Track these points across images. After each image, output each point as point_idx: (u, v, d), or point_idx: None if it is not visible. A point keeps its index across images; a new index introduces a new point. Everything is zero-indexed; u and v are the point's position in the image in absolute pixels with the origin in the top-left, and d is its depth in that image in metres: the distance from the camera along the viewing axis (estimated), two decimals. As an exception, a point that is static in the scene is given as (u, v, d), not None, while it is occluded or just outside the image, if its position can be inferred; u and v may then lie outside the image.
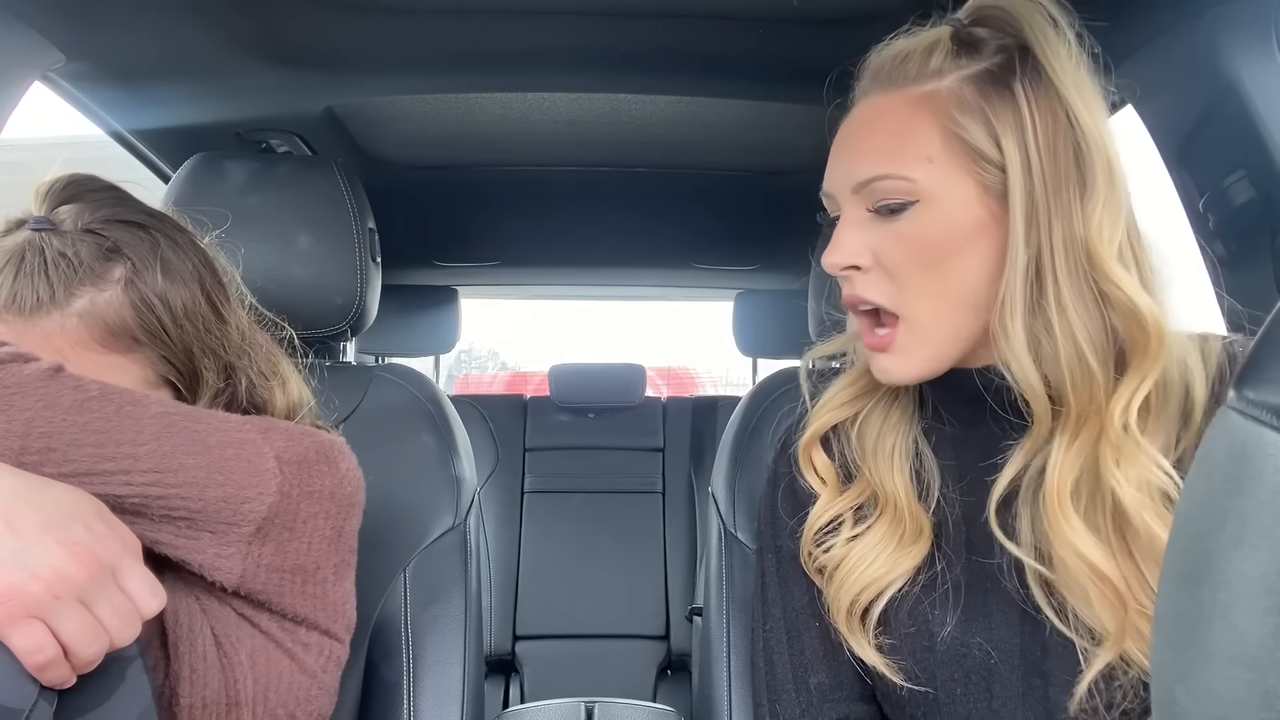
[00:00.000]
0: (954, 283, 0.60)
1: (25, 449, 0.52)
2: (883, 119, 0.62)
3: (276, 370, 0.75)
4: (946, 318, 0.61)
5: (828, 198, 0.66)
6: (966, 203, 0.59)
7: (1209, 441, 0.28)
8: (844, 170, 0.63)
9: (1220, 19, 0.81)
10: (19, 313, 0.62)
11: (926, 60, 0.61)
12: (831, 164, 0.65)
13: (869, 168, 0.60)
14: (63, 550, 0.46)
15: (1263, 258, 0.83)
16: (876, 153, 0.61)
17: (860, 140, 0.63)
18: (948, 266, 0.59)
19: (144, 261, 0.66)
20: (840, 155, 0.64)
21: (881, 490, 0.68)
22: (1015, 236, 0.57)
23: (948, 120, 0.59)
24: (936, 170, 0.59)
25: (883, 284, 0.61)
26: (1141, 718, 0.58)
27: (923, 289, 0.60)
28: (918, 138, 0.59)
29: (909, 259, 0.60)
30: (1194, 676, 0.27)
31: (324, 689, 0.68)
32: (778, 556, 0.75)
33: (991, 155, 0.58)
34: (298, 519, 0.63)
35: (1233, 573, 0.26)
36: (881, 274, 0.61)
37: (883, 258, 0.61)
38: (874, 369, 0.65)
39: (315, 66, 1.06)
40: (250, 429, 0.63)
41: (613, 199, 1.65)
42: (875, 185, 0.60)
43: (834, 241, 0.62)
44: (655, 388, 3.91)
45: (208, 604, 0.62)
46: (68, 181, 0.68)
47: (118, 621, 0.48)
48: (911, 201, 0.59)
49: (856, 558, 0.67)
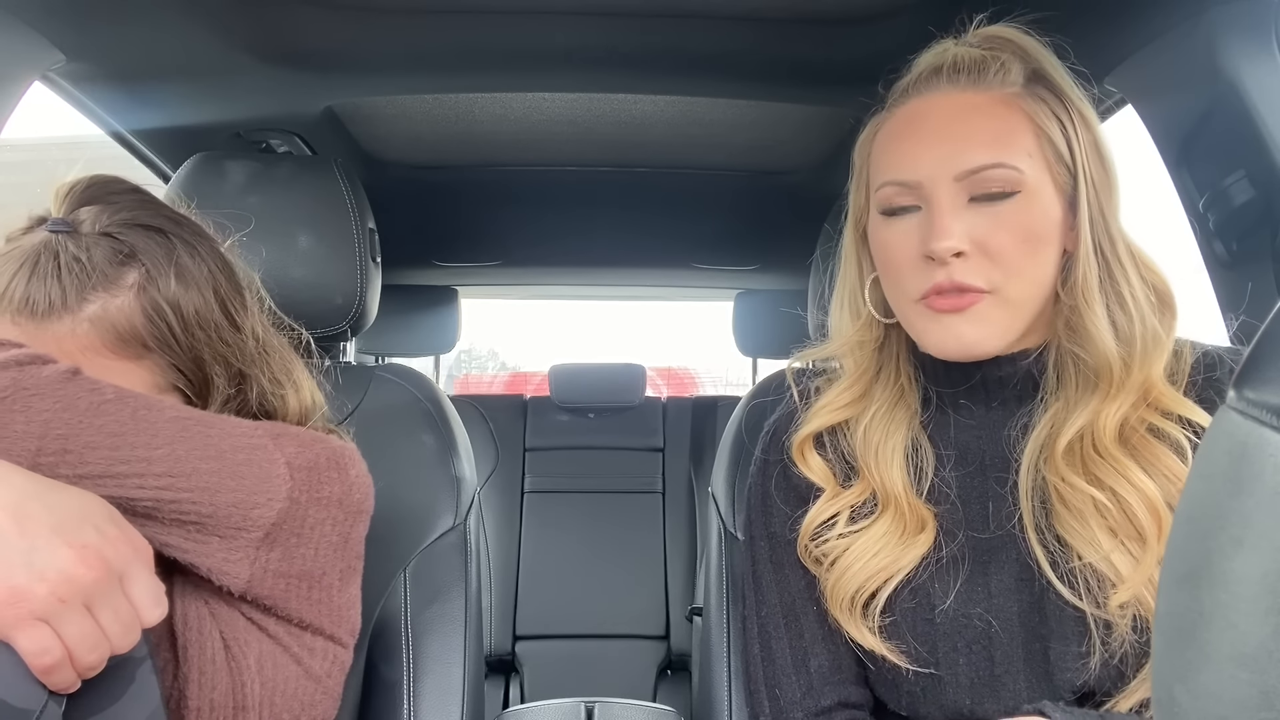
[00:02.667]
0: (1043, 267, 0.65)
1: (42, 450, 0.52)
2: (980, 113, 0.65)
3: (290, 376, 0.75)
4: (1034, 300, 0.65)
5: (904, 186, 0.66)
6: (1052, 197, 0.65)
7: (1209, 441, 0.28)
8: (943, 158, 0.64)
9: (1220, 19, 0.81)
10: (31, 316, 0.62)
11: (1003, 69, 0.66)
12: (916, 152, 0.65)
13: (980, 156, 0.63)
14: (71, 553, 0.46)
15: (1263, 258, 0.83)
16: (986, 143, 0.63)
17: (962, 130, 0.65)
18: (1043, 252, 0.64)
19: (158, 267, 0.66)
20: (934, 143, 0.65)
21: (882, 488, 0.70)
22: (1085, 229, 0.64)
23: (1038, 120, 0.64)
24: (1034, 164, 0.64)
25: (983, 268, 0.63)
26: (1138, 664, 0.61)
27: (1021, 271, 0.64)
28: (1018, 133, 0.64)
29: (1014, 244, 0.63)
30: (1194, 676, 0.27)
31: (328, 694, 0.68)
32: (770, 543, 0.75)
33: (1066, 157, 0.65)
34: (306, 525, 0.63)
35: (1233, 573, 0.26)
36: (982, 259, 0.63)
37: (986, 243, 0.63)
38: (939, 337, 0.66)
39: (315, 66, 1.06)
40: (262, 434, 0.63)
41: (613, 199, 1.65)
42: (986, 174, 0.63)
43: (940, 227, 0.63)
44: (655, 388, 3.91)
45: (216, 608, 0.62)
46: (90, 183, 0.67)
47: (119, 628, 0.47)
48: (1015, 191, 0.63)
49: (859, 550, 0.68)
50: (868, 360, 0.74)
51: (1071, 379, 0.66)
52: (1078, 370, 0.66)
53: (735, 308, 2.20)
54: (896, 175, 0.66)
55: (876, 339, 0.74)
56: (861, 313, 0.74)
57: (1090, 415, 0.64)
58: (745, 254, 2.00)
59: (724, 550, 0.91)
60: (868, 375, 0.74)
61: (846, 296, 0.75)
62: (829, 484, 0.72)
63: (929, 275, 0.64)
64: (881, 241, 0.69)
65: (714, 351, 5.83)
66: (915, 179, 0.65)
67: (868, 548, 0.68)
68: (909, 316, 0.68)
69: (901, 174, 0.66)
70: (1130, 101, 0.96)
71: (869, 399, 0.73)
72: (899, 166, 0.66)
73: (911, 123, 0.67)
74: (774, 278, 2.11)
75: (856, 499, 0.71)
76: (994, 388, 0.69)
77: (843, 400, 0.74)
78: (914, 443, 0.71)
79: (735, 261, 2.05)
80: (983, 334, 0.64)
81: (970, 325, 0.64)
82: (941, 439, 0.71)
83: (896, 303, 0.69)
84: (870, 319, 0.73)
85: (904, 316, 0.69)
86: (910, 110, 0.68)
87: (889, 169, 0.67)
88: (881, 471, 0.70)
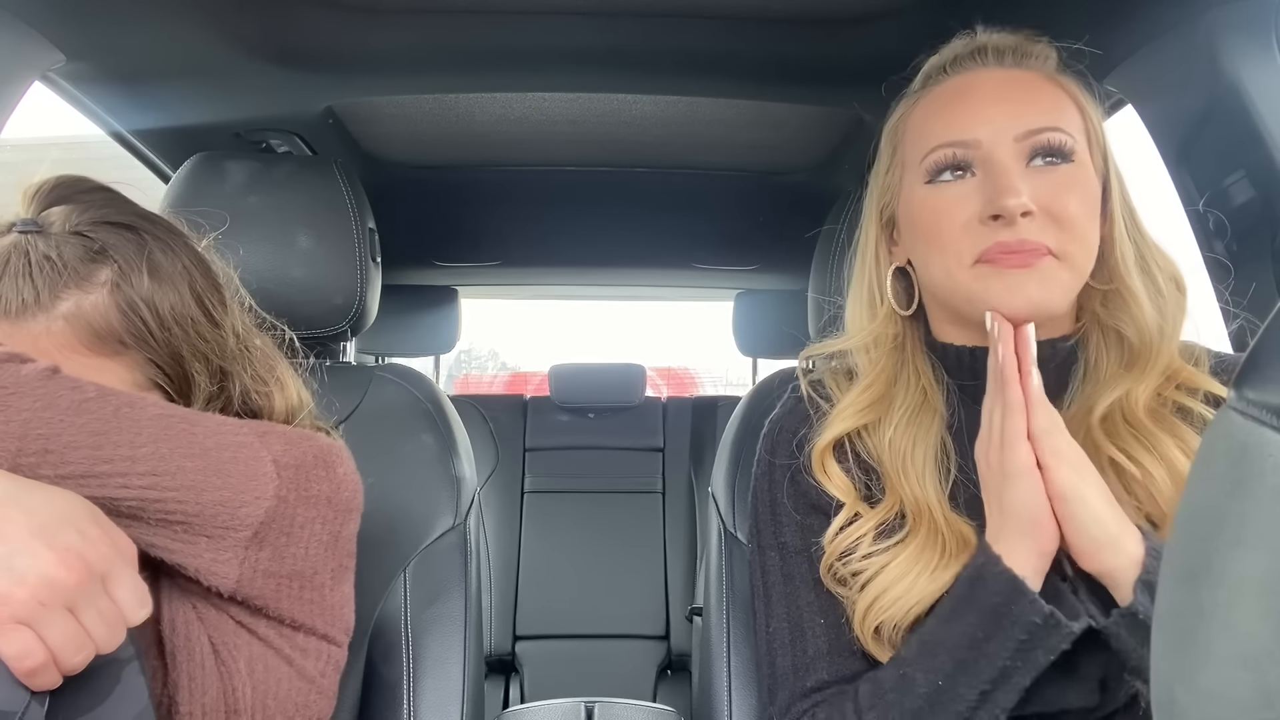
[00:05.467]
0: (1096, 237, 0.66)
1: (23, 450, 0.52)
2: (1035, 85, 0.66)
3: (274, 373, 0.74)
4: (1089, 266, 0.65)
5: (963, 146, 0.64)
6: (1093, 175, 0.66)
7: (1209, 441, 0.28)
8: (1003, 119, 0.64)
9: (1220, 19, 0.81)
10: (4, 316, 0.61)
11: (1046, 55, 0.69)
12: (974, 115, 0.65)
13: (1039, 119, 0.64)
14: (52, 555, 0.45)
15: (1263, 258, 0.83)
16: (1044, 108, 0.65)
17: (1019, 96, 0.65)
18: (1096, 221, 0.66)
19: (131, 264, 0.65)
20: (993, 107, 0.65)
21: (914, 503, 0.66)
22: (1117, 211, 0.67)
23: (1081, 101, 0.67)
24: (1080, 141, 0.65)
25: (1050, 229, 0.62)
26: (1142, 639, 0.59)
27: (1083, 235, 0.64)
28: (1068, 109, 0.66)
29: (1079, 205, 0.63)
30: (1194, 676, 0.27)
31: (323, 693, 0.67)
32: (781, 554, 0.72)
33: (1100, 141, 0.67)
34: (295, 524, 0.63)
35: (1233, 573, 0.26)
36: (1048, 220, 0.62)
37: (1050, 205, 0.62)
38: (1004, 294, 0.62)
39: (315, 66, 1.06)
40: (248, 432, 0.63)
41: (613, 199, 1.65)
42: (1046, 135, 0.63)
43: (1008, 186, 0.61)
44: (655, 388, 3.91)
45: (205, 612, 0.61)
46: (56, 183, 0.67)
47: (103, 629, 0.47)
48: (1072, 158, 0.64)
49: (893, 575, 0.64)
50: (884, 358, 0.72)
51: (1104, 361, 0.67)
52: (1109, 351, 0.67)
53: (735, 308, 2.20)
54: (952, 136, 0.65)
55: (894, 335, 0.72)
56: (879, 308, 0.72)
57: (1123, 390, 0.65)
58: (745, 254, 2.00)
59: (724, 550, 0.91)
60: (886, 375, 0.71)
61: (865, 290, 0.73)
62: (850, 497, 0.69)
63: (990, 236, 0.62)
64: (931, 209, 0.66)
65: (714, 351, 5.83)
66: (974, 138, 0.64)
67: (901, 575, 0.64)
68: (963, 282, 0.64)
69: (958, 134, 0.64)
70: (1130, 101, 0.96)
71: (890, 402, 0.70)
72: (954, 128, 0.65)
73: (963, 92, 0.67)
74: (774, 278, 2.11)
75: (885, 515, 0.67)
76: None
77: (863, 402, 0.71)
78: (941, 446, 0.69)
79: (735, 261, 2.05)
80: (1049, 294, 0.62)
81: (1038, 284, 0.61)
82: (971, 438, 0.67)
83: (948, 271, 0.65)
84: (890, 313, 0.71)
85: (955, 285, 0.65)
86: (958, 83, 0.68)
87: (941, 133, 0.66)
88: (912, 485, 0.66)
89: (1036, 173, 0.63)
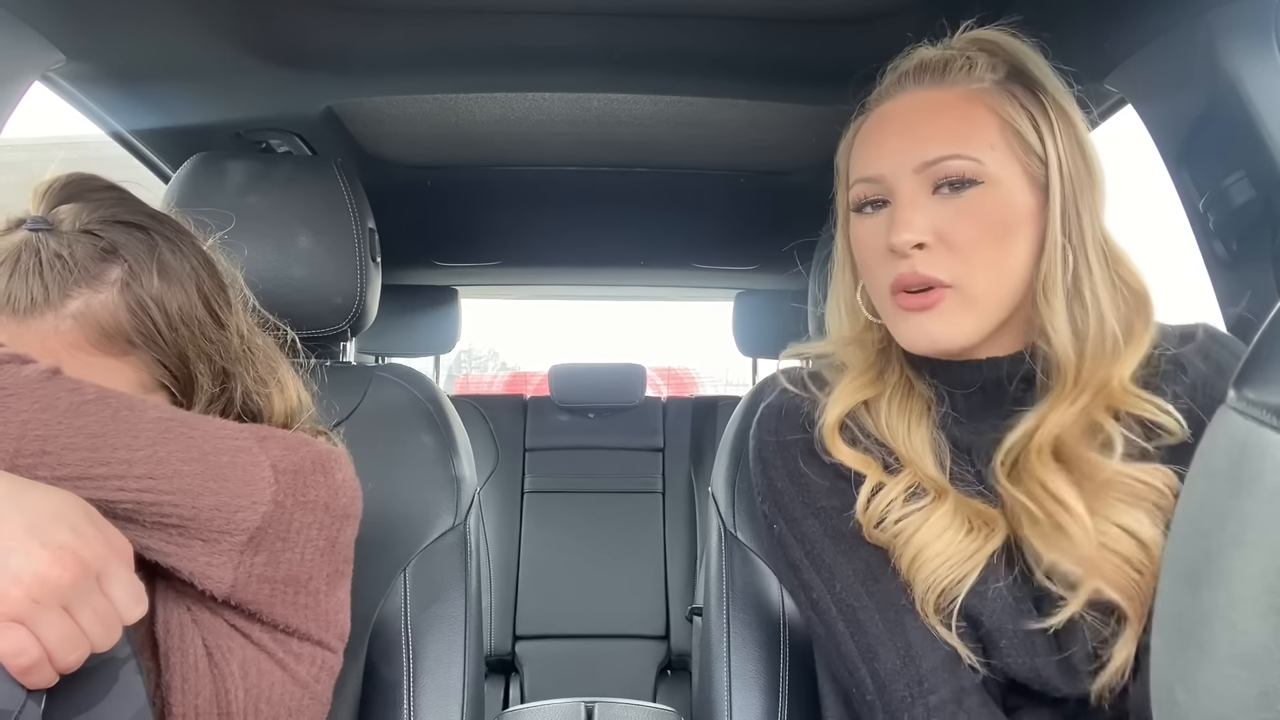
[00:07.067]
0: (1010, 259, 0.65)
1: (20, 451, 0.52)
2: (942, 109, 0.66)
3: (275, 375, 0.74)
4: (1000, 291, 0.65)
5: (871, 182, 0.68)
6: (1020, 189, 0.65)
7: (1209, 441, 0.28)
8: (904, 152, 0.66)
9: (1220, 20, 0.81)
10: (13, 314, 0.61)
11: (968, 66, 0.67)
12: (881, 149, 0.68)
13: (936, 149, 0.65)
14: (46, 554, 0.45)
15: (1263, 258, 0.83)
16: (943, 136, 0.65)
17: (923, 125, 0.66)
18: (1008, 243, 0.65)
19: (141, 263, 0.65)
20: (897, 139, 0.67)
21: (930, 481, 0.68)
22: (1054, 223, 0.64)
23: (1003, 113, 0.65)
24: (998, 157, 0.64)
25: (945, 260, 0.64)
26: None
27: (985, 262, 0.64)
28: (980, 127, 0.65)
29: (975, 234, 0.64)
30: (1194, 676, 0.27)
31: (316, 699, 0.67)
32: (820, 519, 0.69)
33: (1038, 149, 0.65)
34: (291, 529, 0.63)
35: (1233, 573, 0.26)
36: (944, 250, 0.64)
37: (948, 234, 0.64)
38: (909, 335, 0.67)
39: (315, 66, 1.06)
40: (247, 436, 0.62)
41: (613, 199, 1.65)
42: (943, 164, 0.64)
43: (901, 220, 0.65)
44: (655, 388, 3.91)
45: (199, 615, 0.61)
46: (67, 181, 0.67)
47: (99, 628, 0.47)
48: (977, 182, 0.64)
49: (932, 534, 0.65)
50: (871, 358, 0.73)
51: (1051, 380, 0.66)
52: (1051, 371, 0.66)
53: (735, 308, 2.20)
54: (863, 172, 0.69)
55: (876, 341, 0.73)
56: (857, 316, 0.74)
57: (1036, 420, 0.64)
58: (745, 254, 2.00)
59: (724, 550, 0.91)
60: (875, 368, 0.73)
61: (842, 299, 0.75)
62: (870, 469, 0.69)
63: (894, 268, 0.66)
64: (855, 238, 0.71)
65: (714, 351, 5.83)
66: (879, 173, 0.67)
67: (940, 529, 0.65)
68: (885, 311, 0.69)
69: (868, 170, 0.68)
70: (1130, 101, 0.96)
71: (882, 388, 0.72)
72: (866, 164, 0.69)
73: (880, 123, 0.69)
74: (774, 278, 2.11)
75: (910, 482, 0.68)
76: (991, 389, 0.69)
77: (856, 384, 0.72)
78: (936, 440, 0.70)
79: (735, 261, 2.05)
80: (949, 330, 0.65)
81: (937, 324, 0.65)
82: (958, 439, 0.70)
83: (875, 298, 0.70)
84: (867, 321, 0.73)
85: (883, 311, 0.70)
86: (880, 112, 0.70)
87: (858, 168, 0.70)
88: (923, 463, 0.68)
89: (939, 201, 0.65)
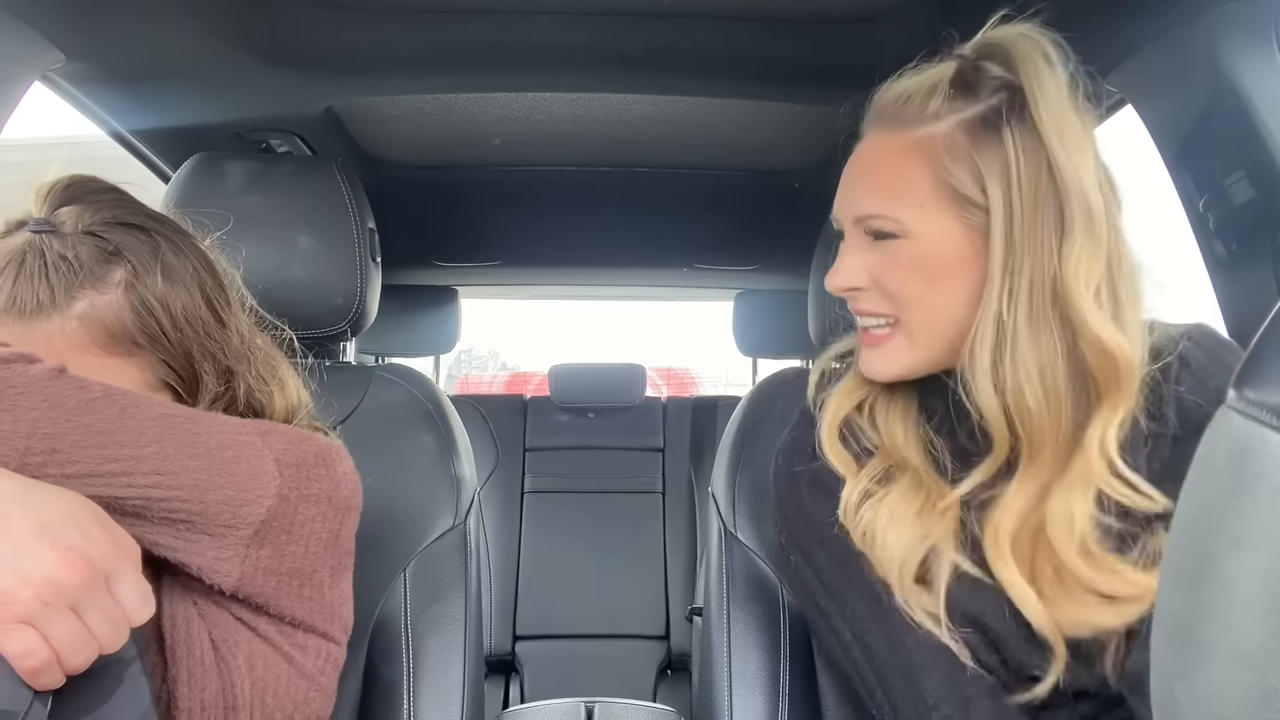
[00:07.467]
0: (940, 301, 0.67)
1: (30, 449, 0.52)
2: (881, 160, 0.69)
3: (275, 373, 0.75)
4: (936, 328, 0.68)
5: (835, 220, 0.73)
6: (950, 239, 0.65)
7: (1209, 441, 0.28)
8: (848, 203, 0.71)
9: (1220, 19, 0.81)
10: (19, 315, 0.61)
11: (926, 103, 0.66)
12: (839, 194, 0.73)
13: (866, 205, 0.68)
14: (55, 555, 0.45)
15: (1263, 258, 0.83)
16: (874, 193, 0.68)
17: (862, 178, 0.71)
18: (936, 286, 0.67)
19: (144, 264, 0.66)
20: (846, 188, 0.72)
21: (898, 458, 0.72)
22: (993, 272, 0.63)
23: (939, 168, 0.65)
24: (925, 214, 0.66)
25: (880, 300, 0.70)
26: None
27: (916, 304, 0.68)
28: (911, 185, 0.66)
29: (901, 279, 0.67)
30: (1194, 676, 0.27)
31: (321, 691, 0.68)
32: (826, 547, 0.72)
33: (976, 199, 0.64)
34: (295, 522, 0.63)
35: (1233, 573, 0.26)
36: (879, 292, 0.69)
37: (879, 278, 0.69)
38: (862, 363, 0.73)
39: (315, 66, 1.06)
40: (250, 432, 0.63)
41: (613, 199, 1.65)
42: (870, 221, 0.68)
43: (836, 266, 0.71)
44: (655, 388, 3.91)
45: (205, 609, 0.62)
46: (68, 183, 0.67)
47: (107, 629, 0.47)
48: (900, 236, 0.67)
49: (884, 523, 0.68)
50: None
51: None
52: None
53: (735, 308, 2.20)
54: (833, 211, 0.74)
55: None
56: None
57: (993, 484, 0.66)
58: (745, 254, 2.00)
59: (724, 550, 0.91)
60: None
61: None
62: (849, 469, 0.73)
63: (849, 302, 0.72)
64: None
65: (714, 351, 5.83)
66: (836, 215, 0.73)
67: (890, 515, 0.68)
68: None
69: (834, 210, 0.73)
70: (1130, 101, 0.96)
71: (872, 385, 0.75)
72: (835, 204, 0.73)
73: (849, 162, 0.73)
74: (774, 278, 2.11)
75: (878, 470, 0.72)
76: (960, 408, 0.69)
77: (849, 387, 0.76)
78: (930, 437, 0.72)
79: (735, 261, 2.05)
80: (893, 366, 0.70)
81: (881, 359, 0.71)
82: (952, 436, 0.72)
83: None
84: None
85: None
86: (853, 153, 0.73)
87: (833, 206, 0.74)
88: (896, 442, 0.72)
89: (874, 248, 0.69)
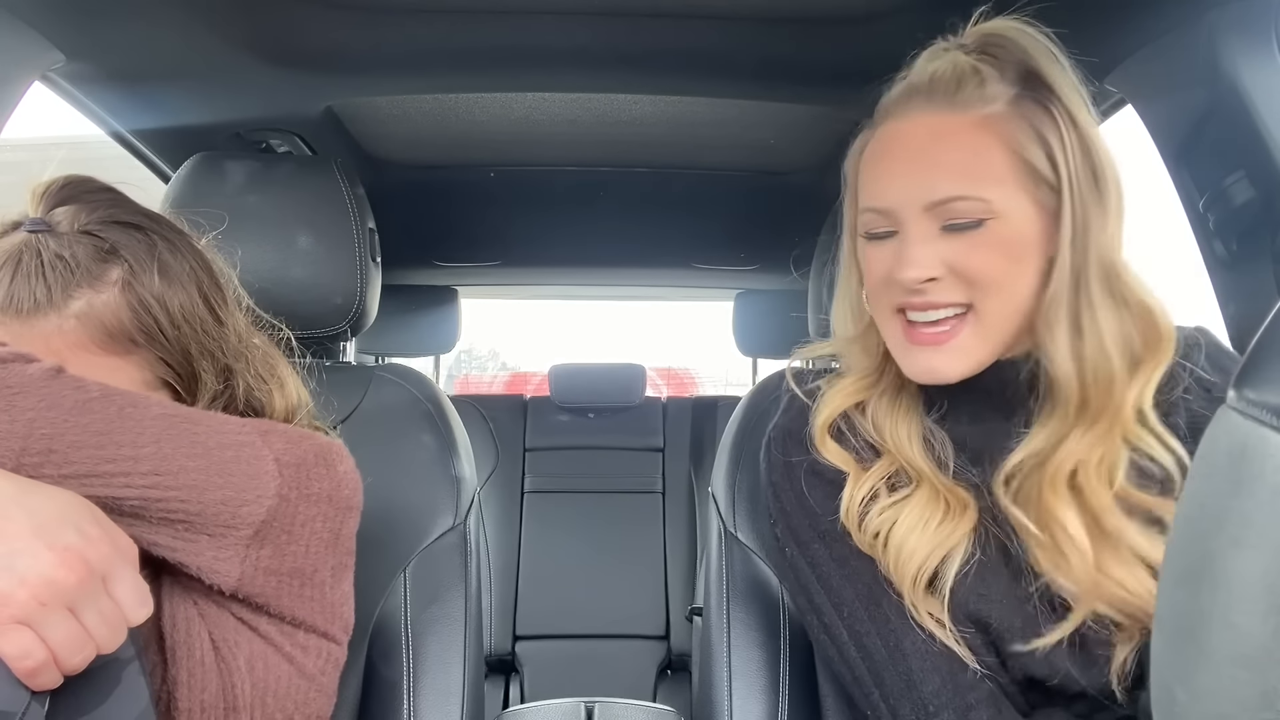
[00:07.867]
0: (1021, 285, 0.65)
1: (27, 449, 0.52)
2: (951, 140, 0.65)
3: (274, 372, 0.75)
4: (1011, 317, 0.66)
5: (880, 213, 0.68)
6: (1028, 218, 0.64)
7: (1209, 441, 0.28)
8: (912, 188, 0.65)
9: (1220, 20, 0.81)
10: (16, 315, 0.61)
11: (982, 85, 0.65)
12: (890, 179, 0.67)
13: (946, 188, 0.64)
14: (52, 556, 0.45)
15: (1263, 258, 0.83)
16: (952, 174, 0.64)
17: (931, 158, 0.65)
18: (1018, 270, 0.65)
19: (141, 263, 0.66)
20: (905, 171, 0.66)
21: (910, 466, 0.70)
22: (1064, 247, 0.63)
23: (1013, 144, 0.64)
24: (1006, 191, 0.64)
25: (959, 288, 0.65)
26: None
27: (1000, 288, 0.65)
28: (990, 161, 0.64)
29: (987, 266, 0.64)
30: (1194, 676, 0.27)
31: (322, 691, 0.68)
32: (825, 542, 0.71)
33: (1048, 176, 0.64)
34: (296, 522, 0.63)
35: (1233, 573, 0.26)
36: (956, 281, 0.65)
37: (960, 267, 0.65)
38: (912, 366, 0.68)
39: (315, 66, 1.06)
40: (250, 431, 0.63)
41: (613, 199, 1.65)
42: (952, 205, 0.64)
43: (909, 257, 0.65)
44: (655, 388, 3.91)
45: (205, 609, 0.61)
46: (64, 183, 0.67)
47: (105, 629, 0.47)
48: (986, 219, 0.64)
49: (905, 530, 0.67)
50: (872, 361, 0.74)
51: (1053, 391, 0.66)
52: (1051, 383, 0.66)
53: (735, 308, 2.20)
54: (872, 201, 0.68)
55: (879, 342, 0.74)
56: (863, 315, 0.74)
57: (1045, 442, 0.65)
58: (745, 254, 2.00)
59: (724, 550, 0.91)
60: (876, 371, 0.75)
61: (847, 300, 0.76)
62: (850, 466, 0.71)
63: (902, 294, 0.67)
64: (866, 258, 0.71)
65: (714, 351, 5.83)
66: (887, 206, 0.67)
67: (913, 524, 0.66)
68: (888, 330, 0.70)
69: (876, 201, 0.68)
70: (1130, 101, 0.96)
71: (873, 389, 0.74)
72: (875, 193, 0.68)
73: (888, 147, 0.68)
74: (774, 278, 2.11)
75: (886, 471, 0.70)
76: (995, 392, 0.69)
77: (849, 388, 0.75)
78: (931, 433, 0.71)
79: (735, 261, 2.05)
80: (955, 365, 0.67)
81: (945, 358, 0.67)
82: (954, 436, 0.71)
83: (879, 315, 0.71)
84: (870, 322, 0.74)
85: (885, 330, 0.71)
86: (888, 132, 0.69)
87: (867, 195, 0.69)
88: (904, 450, 0.70)
89: (949, 237, 0.65)
